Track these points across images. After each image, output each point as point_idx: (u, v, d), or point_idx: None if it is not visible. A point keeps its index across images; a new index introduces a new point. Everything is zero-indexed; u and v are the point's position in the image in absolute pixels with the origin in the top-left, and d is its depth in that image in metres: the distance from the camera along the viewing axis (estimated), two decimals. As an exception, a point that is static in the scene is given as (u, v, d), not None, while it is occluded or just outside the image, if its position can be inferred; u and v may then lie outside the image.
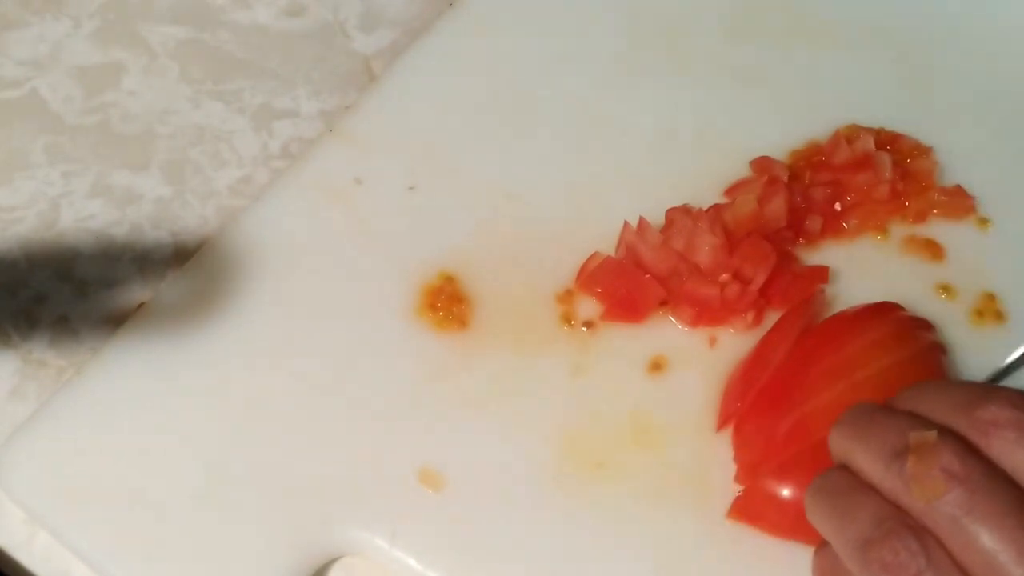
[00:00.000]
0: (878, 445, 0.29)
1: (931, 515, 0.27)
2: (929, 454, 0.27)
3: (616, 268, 0.39)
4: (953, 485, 0.27)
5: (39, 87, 0.47)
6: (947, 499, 0.27)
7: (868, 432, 0.30)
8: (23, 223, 0.43)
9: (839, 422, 0.32)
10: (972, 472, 0.27)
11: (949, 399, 0.29)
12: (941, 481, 0.27)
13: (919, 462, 0.27)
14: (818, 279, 0.39)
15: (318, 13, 0.50)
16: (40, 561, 0.36)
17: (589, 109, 0.45)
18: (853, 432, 0.31)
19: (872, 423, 0.30)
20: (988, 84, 0.46)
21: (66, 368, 0.40)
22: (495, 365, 0.38)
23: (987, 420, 0.28)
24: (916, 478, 0.27)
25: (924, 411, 0.30)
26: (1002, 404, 0.28)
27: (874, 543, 0.27)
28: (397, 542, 0.34)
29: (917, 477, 0.27)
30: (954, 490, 0.27)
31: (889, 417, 0.30)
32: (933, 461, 0.27)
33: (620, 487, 0.35)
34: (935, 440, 0.27)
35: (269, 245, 0.40)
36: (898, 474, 0.28)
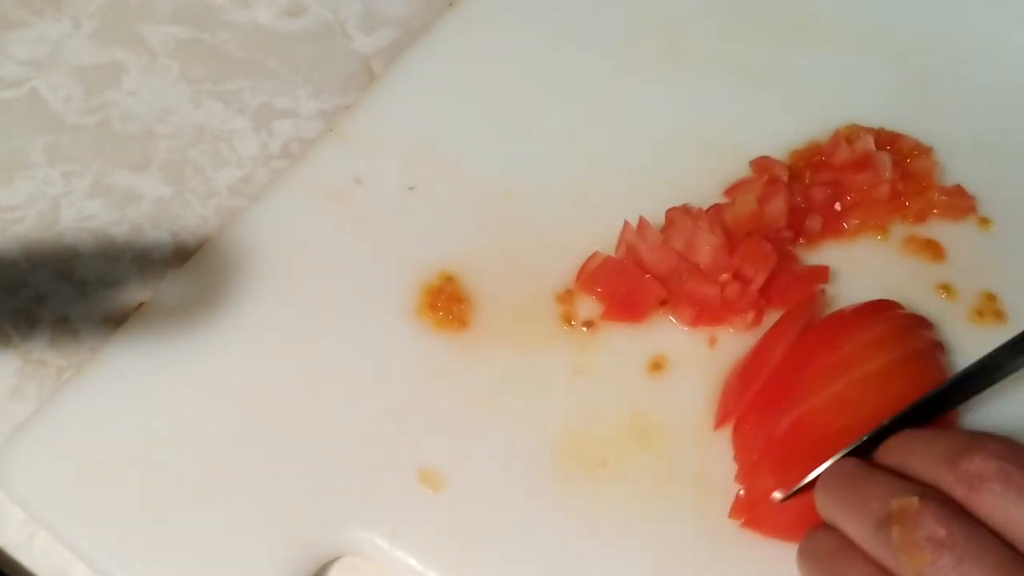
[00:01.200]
0: (862, 513, 0.29)
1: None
2: (912, 522, 0.27)
3: (616, 268, 0.39)
4: (939, 554, 0.26)
5: (39, 87, 0.47)
6: (934, 568, 0.26)
7: (852, 497, 0.30)
8: (23, 223, 0.43)
9: (822, 482, 0.32)
10: (957, 537, 0.26)
11: (933, 452, 0.29)
12: (928, 550, 0.26)
13: (903, 531, 0.27)
14: (818, 279, 0.39)
15: (318, 13, 0.50)
16: (40, 561, 0.36)
17: (589, 109, 0.45)
18: (836, 497, 0.31)
19: (855, 487, 0.30)
20: (988, 84, 0.46)
21: (66, 368, 0.40)
22: (495, 365, 0.38)
23: (972, 474, 0.27)
24: (902, 548, 0.27)
25: (909, 466, 0.30)
26: (986, 456, 0.27)
27: None
28: (397, 542, 0.34)
29: (903, 547, 0.27)
30: (940, 559, 0.26)
31: (871, 480, 0.30)
32: (917, 529, 0.27)
33: (620, 487, 0.35)
34: (917, 507, 0.27)
35: (269, 245, 0.40)
36: (885, 544, 0.28)
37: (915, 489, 0.28)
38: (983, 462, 0.27)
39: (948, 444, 0.29)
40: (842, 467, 0.32)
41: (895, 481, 0.29)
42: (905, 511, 0.27)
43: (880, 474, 0.30)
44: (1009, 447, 0.28)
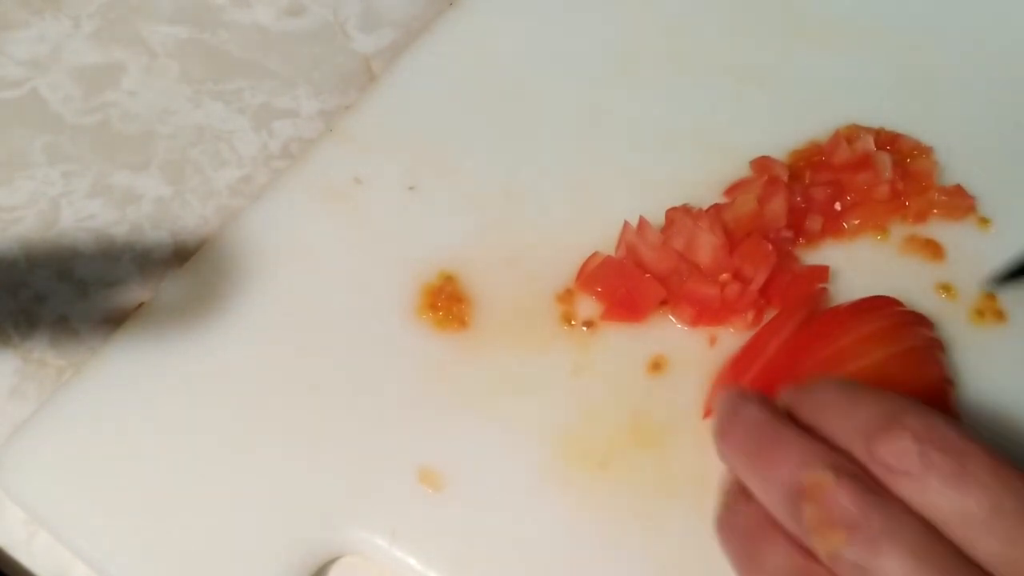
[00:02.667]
0: (772, 481, 0.28)
1: (836, 563, 0.26)
2: (826, 500, 0.26)
3: (616, 268, 0.39)
4: (854, 535, 0.25)
5: (39, 87, 0.47)
6: (848, 550, 0.25)
7: (760, 461, 0.28)
8: (23, 223, 0.43)
9: (725, 424, 0.30)
10: (871, 518, 0.25)
11: (851, 421, 0.27)
12: (841, 531, 0.25)
13: (816, 510, 0.26)
14: (818, 279, 0.39)
15: (318, 13, 0.50)
16: (40, 561, 0.36)
17: (589, 109, 0.45)
18: (743, 454, 0.29)
19: (763, 448, 0.28)
20: (988, 84, 0.46)
21: (66, 368, 0.40)
22: (495, 365, 0.38)
23: (890, 457, 0.26)
24: (815, 529, 0.26)
25: (825, 428, 0.28)
26: (905, 437, 0.26)
27: None
28: (397, 542, 0.34)
29: (816, 528, 0.26)
30: (853, 541, 0.25)
31: (782, 441, 0.28)
32: (831, 509, 0.26)
33: (620, 487, 0.35)
34: (831, 484, 0.26)
35: (269, 245, 0.40)
36: (797, 520, 0.26)
37: (828, 460, 0.27)
38: (901, 443, 0.26)
39: (867, 414, 0.27)
40: (748, 413, 0.29)
41: (807, 446, 0.27)
42: (817, 487, 0.26)
43: (790, 434, 0.28)
44: (930, 425, 0.26)
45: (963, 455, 0.26)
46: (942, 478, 0.25)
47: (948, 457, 0.26)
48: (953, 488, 0.25)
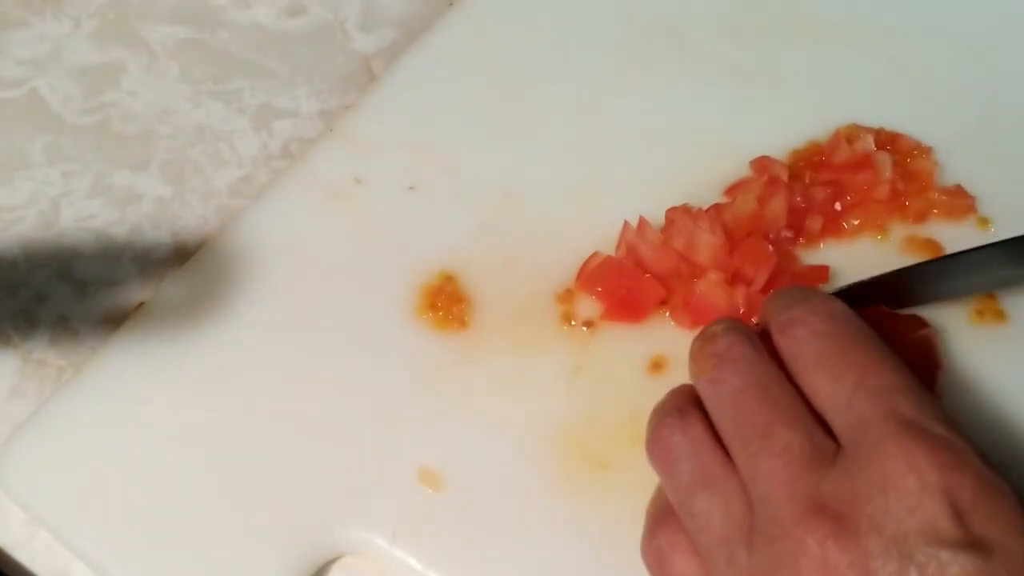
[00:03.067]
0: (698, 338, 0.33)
1: (700, 390, 0.31)
2: (709, 341, 0.32)
3: (616, 268, 0.39)
4: (715, 366, 0.31)
5: (39, 87, 0.47)
6: (707, 375, 0.31)
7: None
8: (23, 223, 0.43)
9: None
10: (733, 353, 0.31)
11: (781, 302, 0.32)
12: (709, 363, 0.31)
13: (701, 347, 0.32)
14: (818, 279, 0.39)
15: (318, 13, 0.50)
16: (40, 561, 0.36)
17: (589, 109, 0.45)
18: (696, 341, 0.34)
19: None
20: (988, 84, 0.46)
21: (66, 368, 0.40)
22: (495, 365, 0.38)
23: (784, 322, 0.31)
24: (694, 358, 0.32)
25: (765, 310, 0.33)
26: (803, 307, 0.31)
27: (653, 428, 0.32)
28: (397, 542, 0.34)
29: (695, 358, 0.32)
30: (713, 370, 0.31)
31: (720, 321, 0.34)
32: (710, 347, 0.31)
33: (620, 487, 0.35)
34: (719, 330, 0.32)
35: (269, 245, 0.40)
36: (690, 358, 0.32)
37: (731, 322, 0.33)
38: (797, 309, 0.31)
39: (791, 297, 0.32)
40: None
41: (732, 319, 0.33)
42: (711, 333, 0.32)
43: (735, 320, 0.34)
44: (827, 302, 0.31)
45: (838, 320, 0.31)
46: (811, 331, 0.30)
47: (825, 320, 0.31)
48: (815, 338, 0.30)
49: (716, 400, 0.31)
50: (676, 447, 0.31)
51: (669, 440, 0.31)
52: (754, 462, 0.28)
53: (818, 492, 0.27)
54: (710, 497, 0.29)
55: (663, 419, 0.32)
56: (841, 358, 0.29)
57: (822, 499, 0.27)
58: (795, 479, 0.27)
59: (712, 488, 0.29)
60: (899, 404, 0.28)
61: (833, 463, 0.28)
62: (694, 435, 0.31)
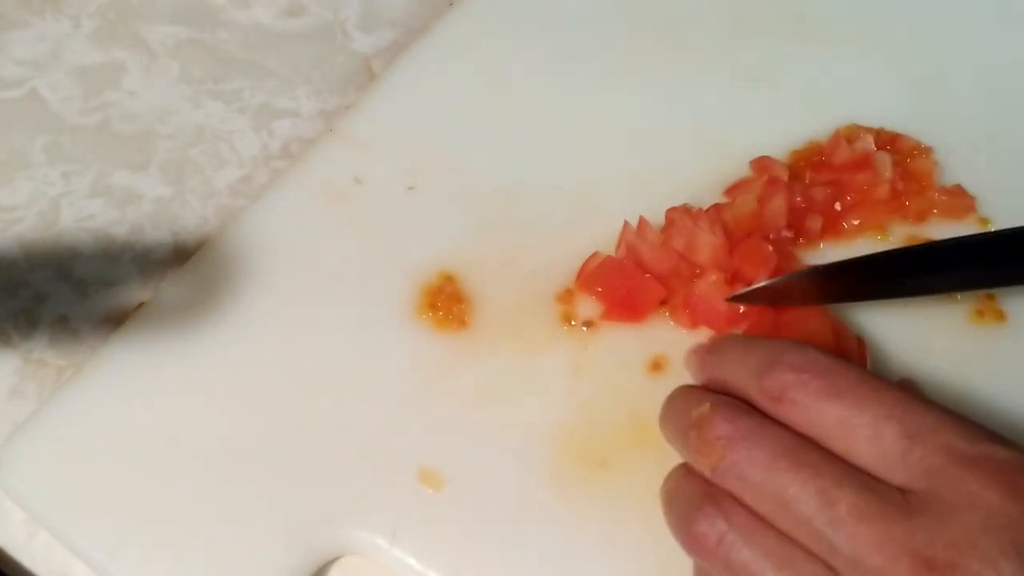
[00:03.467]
0: (676, 428, 0.32)
1: (722, 479, 0.29)
2: (705, 425, 0.29)
3: (616, 268, 0.39)
4: (728, 447, 0.29)
5: (39, 87, 0.47)
6: (725, 462, 0.29)
7: (668, 415, 0.33)
8: (23, 223, 0.43)
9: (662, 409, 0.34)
10: (743, 430, 0.29)
11: (744, 368, 0.31)
12: (719, 447, 0.29)
13: (699, 435, 0.30)
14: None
15: (318, 13, 0.50)
16: (40, 561, 0.36)
17: (589, 109, 0.45)
18: (663, 421, 0.34)
19: (672, 404, 0.33)
20: (988, 84, 0.46)
21: (66, 368, 0.40)
22: (495, 365, 0.38)
23: (774, 390, 0.29)
24: (698, 450, 0.30)
25: (728, 382, 0.31)
26: (784, 370, 0.29)
27: (687, 523, 0.30)
28: (397, 542, 0.34)
29: (699, 449, 0.29)
30: (728, 453, 0.29)
31: (685, 396, 0.32)
32: (709, 431, 0.29)
33: (620, 487, 0.35)
34: (708, 411, 0.30)
35: (269, 245, 0.40)
36: (688, 450, 0.30)
37: (710, 398, 0.30)
38: (781, 375, 0.29)
39: (755, 359, 0.30)
40: (673, 395, 0.34)
41: (697, 394, 0.32)
42: (700, 417, 0.30)
43: (690, 391, 0.33)
44: (806, 357, 0.29)
45: (832, 374, 0.29)
46: (815, 395, 0.29)
47: (820, 378, 0.29)
48: (825, 400, 0.28)
49: (746, 484, 0.28)
50: (725, 540, 0.28)
51: (711, 534, 0.29)
52: (825, 536, 0.27)
53: (915, 545, 0.26)
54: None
55: (696, 514, 0.29)
56: (863, 415, 0.28)
57: (924, 552, 0.25)
58: (885, 539, 0.26)
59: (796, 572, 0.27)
60: (952, 441, 0.27)
61: (912, 512, 0.26)
62: (740, 523, 0.28)
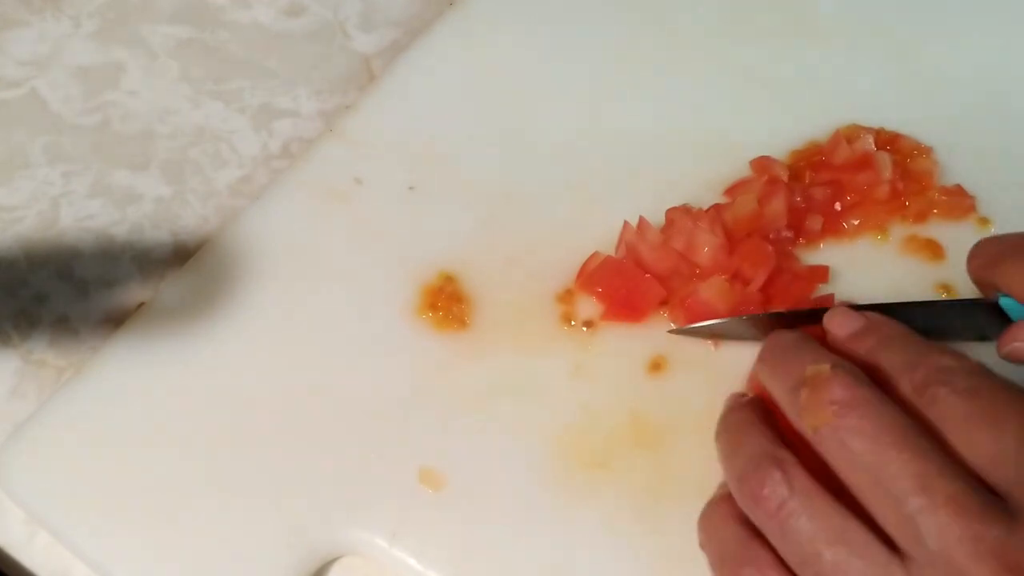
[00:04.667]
0: (784, 378, 0.31)
1: (821, 442, 0.28)
2: (821, 386, 0.29)
3: (616, 268, 0.39)
4: (838, 415, 0.28)
5: (39, 87, 0.47)
6: (830, 427, 0.28)
7: (779, 365, 0.32)
8: (23, 223, 0.43)
9: (762, 351, 0.33)
10: (856, 399, 0.28)
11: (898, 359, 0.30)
12: (829, 411, 0.28)
13: (811, 394, 0.29)
14: (818, 279, 0.39)
15: (318, 13, 0.50)
16: (40, 561, 0.36)
17: (589, 109, 0.45)
18: (768, 364, 0.33)
19: (785, 356, 0.32)
20: (988, 84, 0.46)
21: (66, 368, 0.40)
22: (495, 365, 0.38)
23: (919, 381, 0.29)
24: (807, 408, 0.29)
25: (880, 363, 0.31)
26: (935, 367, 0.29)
27: (746, 478, 0.29)
28: (397, 542, 0.34)
29: (808, 407, 0.29)
30: (837, 419, 0.28)
31: (801, 350, 0.31)
32: (824, 393, 0.28)
33: (620, 487, 0.35)
34: (828, 373, 0.29)
35: (269, 245, 0.40)
36: (793, 404, 0.30)
37: (832, 359, 0.30)
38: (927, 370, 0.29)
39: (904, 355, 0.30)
40: (781, 337, 0.33)
41: (819, 352, 0.31)
42: (817, 376, 0.29)
43: (809, 345, 0.32)
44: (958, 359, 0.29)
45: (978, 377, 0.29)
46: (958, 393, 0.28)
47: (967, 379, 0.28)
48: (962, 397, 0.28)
49: (845, 453, 0.28)
50: (787, 506, 0.28)
51: (772, 498, 0.28)
52: (915, 521, 0.26)
53: (1005, 550, 0.25)
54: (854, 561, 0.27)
55: (760, 475, 0.29)
56: (996, 414, 0.27)
57: (1013, 557, 0.25)
58: (977, 537, 0.25)
59: (852, 550, 0.27)
60: None
61: (1012, 517, 0.25)
62: (803, 489, 0.28)
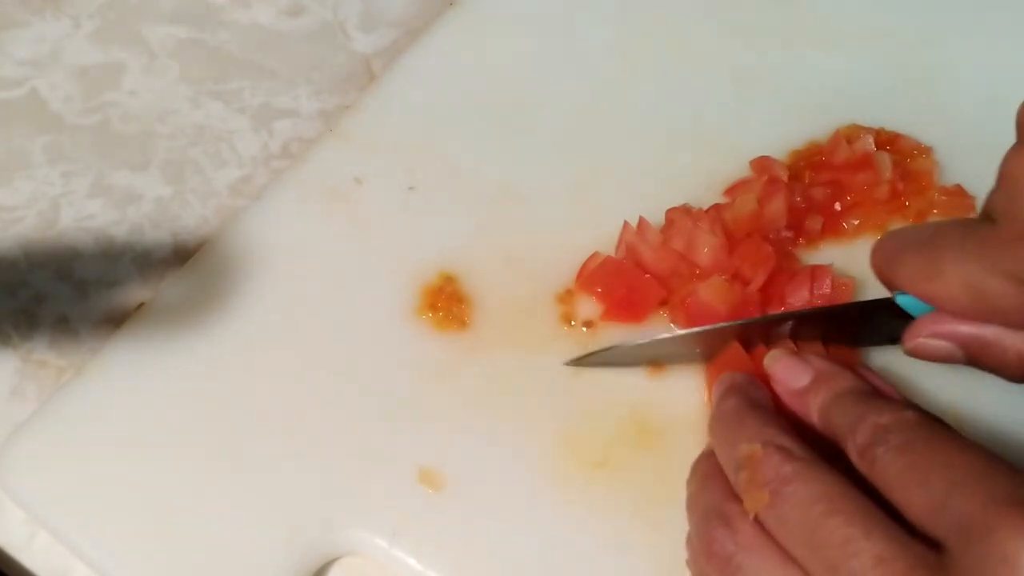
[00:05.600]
0: (726, 458, 0.31)
1: (764, 523, 0.29)
2: (755, 468, 0.29)
3: (616, 268, 0.39)
4: (774, 493, 0.28)
5: (39, 87, 0.47)
6: (767, 508, 0.28)
7: (720, 441, 0.32)
8: (23, 223, 0.43)
9: (710, 418, 0.34)
10: (787, 477, 0.28)
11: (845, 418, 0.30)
12: (764, 494, 0.29)
13: (747, 477, 0.29)
14: (817, 279, 0.39)
15: (318, 13, 0.50)
16: (40, 561, 0.36)
17: (589, 109, 0.45)
18: (714, 437, 0.33)
19: (726, 430, 0.32)
20: (988, 84, 0.46)
21: (66, 368, 0.40)
22: (495, 365, 0.38)
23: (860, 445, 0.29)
24: (746, 492, 0.29)
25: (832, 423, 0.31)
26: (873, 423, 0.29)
27: (698, 534, 0.30)
28: (397, 542, 0.34)
29: (746, 491, 0.29)
30: (773, 499, 0.28)
31: (741, 423, 0.32)
32: (758, 475, 0.29)
33: (620, 487, 0.35)
34: (759, 454, 0.29)
35: (269, 245, 0.40)
36: (737, 486, 0.30)
37: (765, 437, 0.30)
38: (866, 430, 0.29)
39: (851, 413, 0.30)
40: (723, 405, 0.33)
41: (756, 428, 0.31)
42: (751, 457, 0.30)
43: (749, 419, 0.32)
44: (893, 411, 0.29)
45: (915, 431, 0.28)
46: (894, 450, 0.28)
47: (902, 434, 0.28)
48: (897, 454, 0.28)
49: (784, 529, 0.28)
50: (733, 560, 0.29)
51: (720, 553, 0.29)
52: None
53: None
54: None
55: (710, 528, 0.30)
56: (927, 466, 0.27)
57: None
58: None
59: None
60: (995, 487, 0.26)
61: (942, 569, 0.25)
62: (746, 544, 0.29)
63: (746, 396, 0.33)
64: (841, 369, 0.33)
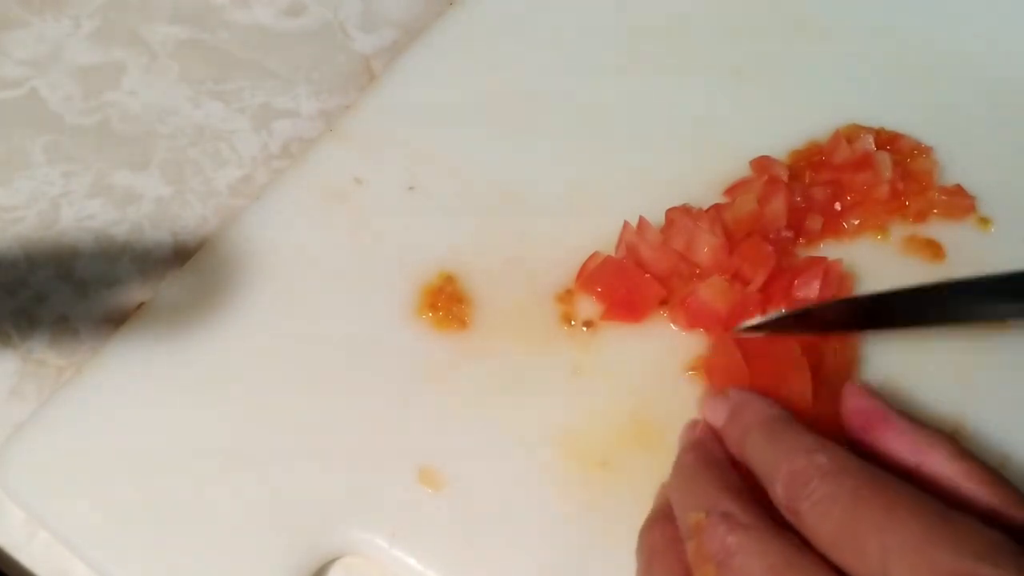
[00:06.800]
0: (681, 520, 0.31)
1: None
2: (701, 538, 0.29)
3: (616, 268, 0.39)
4: (720, 565, 0.28)
5: (39, 87, 0.47)
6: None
7: (676, 501, 0.32)
8: (23, 223, 0.43)
9: (672, 470, 0.34)
10: (731, 548, 0.28)
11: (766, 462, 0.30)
12: (711, 567, 0.28)
13: (695, 548, 0.29)
14: (817, 278, 0.39)
15: (318, 13, 0.50)
16: (40, 561, 0.36)
17: (589, 109, 0.45)
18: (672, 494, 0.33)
19: (682, 489, 0.32)
20: (988, 84, 0.46)
21: (66, 368, 0.40)
22: (495, 365, 0.38)
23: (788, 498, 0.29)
24: (694, 562, 0.29)
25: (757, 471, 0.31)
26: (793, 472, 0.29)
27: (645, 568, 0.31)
28: (397, 542, 0.34)
29: (695, 562, 0.29)
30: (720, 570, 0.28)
31: (694, 483, 0.31)
32: (704, 546, 0.29)
33: (620, 487, 0.35)
34: (704, 523, 0.29)
35: (269, 245, 0.40)
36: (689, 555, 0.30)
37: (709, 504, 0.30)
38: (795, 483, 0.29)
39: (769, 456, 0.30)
40: (681, 459, 0.33)
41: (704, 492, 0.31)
42: (697, 527, 0.29)
43: (706, 476, 0.31)
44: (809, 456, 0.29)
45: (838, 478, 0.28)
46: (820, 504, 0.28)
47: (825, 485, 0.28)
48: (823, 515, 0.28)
49: None
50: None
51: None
52: None
53: None
54: None
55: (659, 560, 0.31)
56: (854, 526, 0.27)
57: None
58: None
59: None
60: (935, 556, 0.25)
61: None
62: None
63: (703, 453, 0.33)
64: (751, 397, 0.33)
